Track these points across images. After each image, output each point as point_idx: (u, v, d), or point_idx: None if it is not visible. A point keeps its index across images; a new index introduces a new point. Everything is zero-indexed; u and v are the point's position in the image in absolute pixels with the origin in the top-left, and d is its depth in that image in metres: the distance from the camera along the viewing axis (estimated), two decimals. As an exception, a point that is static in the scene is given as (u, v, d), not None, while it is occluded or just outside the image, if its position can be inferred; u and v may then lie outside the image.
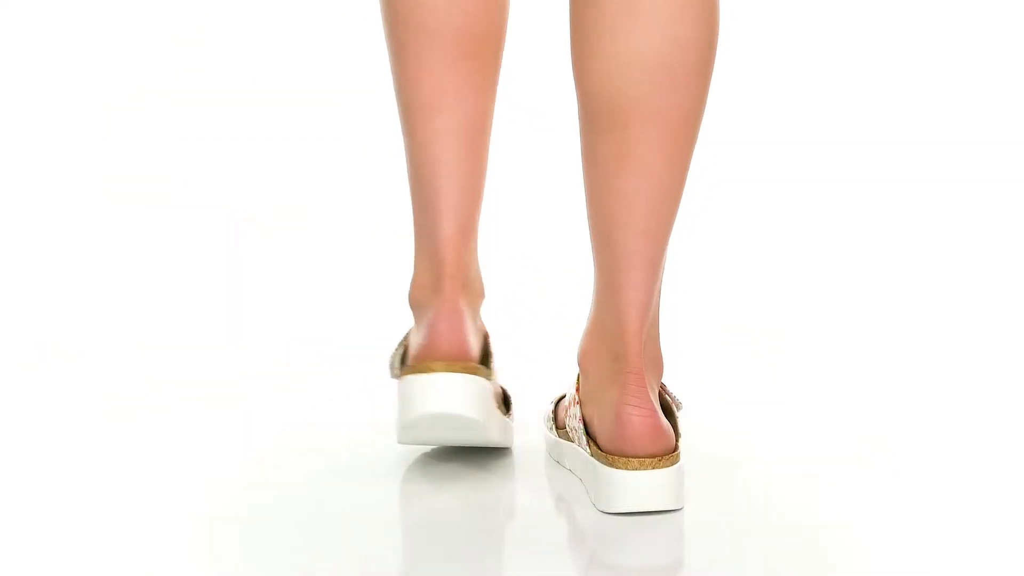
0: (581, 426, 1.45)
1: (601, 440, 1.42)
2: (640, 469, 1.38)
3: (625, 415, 1.40)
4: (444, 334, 1.46)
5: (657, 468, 1.38)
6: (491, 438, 1.49)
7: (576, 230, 2.49)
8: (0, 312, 2.26)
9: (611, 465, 1.39)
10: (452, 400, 1.44)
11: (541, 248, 2.45)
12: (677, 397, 1.49)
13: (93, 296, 2.32)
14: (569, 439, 1.50)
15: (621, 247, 1.41)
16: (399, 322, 1.55)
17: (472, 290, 1.52)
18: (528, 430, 1.63)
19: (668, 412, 1.47)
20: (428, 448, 1.57)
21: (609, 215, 1.41)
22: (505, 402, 1.57)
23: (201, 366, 1.98)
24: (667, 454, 1.39)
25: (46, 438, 1.68)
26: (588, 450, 1.43)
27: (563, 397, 1.59)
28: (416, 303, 1.50)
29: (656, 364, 1.45)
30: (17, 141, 2.62)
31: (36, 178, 2.59)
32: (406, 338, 1.52)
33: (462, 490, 1.51)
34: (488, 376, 1.48)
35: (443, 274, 1.47)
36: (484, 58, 1.47)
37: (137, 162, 2.62)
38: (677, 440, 1.43)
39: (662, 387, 1.48)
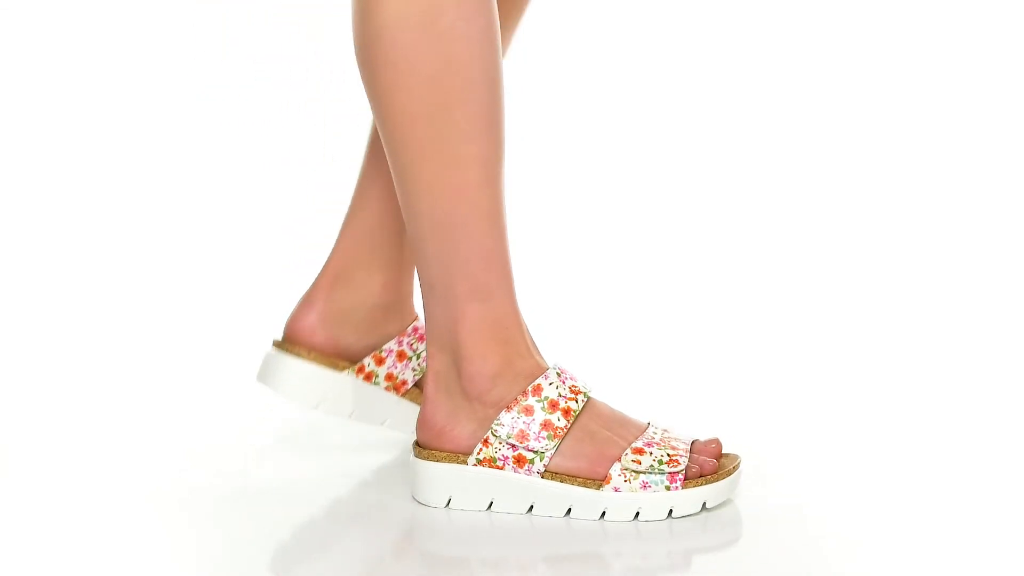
0: None
1: None
2: None
3: None
4: None
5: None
6: None
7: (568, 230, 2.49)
8: (0, 312, 2.26)
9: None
10: None
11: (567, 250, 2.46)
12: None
13: (93, 296, 2.32)
14: None
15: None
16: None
17: None
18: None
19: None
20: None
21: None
22: None
23: (201, 365, 1.99)
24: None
25: (46, 438, 1.68)
26: None
27: None
28: None
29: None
30: (17, 141, 2.62)
31: (36, 178, 2.59)
32: None
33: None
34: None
35: None
36: None
37: (137, 162, 2.62)
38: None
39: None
